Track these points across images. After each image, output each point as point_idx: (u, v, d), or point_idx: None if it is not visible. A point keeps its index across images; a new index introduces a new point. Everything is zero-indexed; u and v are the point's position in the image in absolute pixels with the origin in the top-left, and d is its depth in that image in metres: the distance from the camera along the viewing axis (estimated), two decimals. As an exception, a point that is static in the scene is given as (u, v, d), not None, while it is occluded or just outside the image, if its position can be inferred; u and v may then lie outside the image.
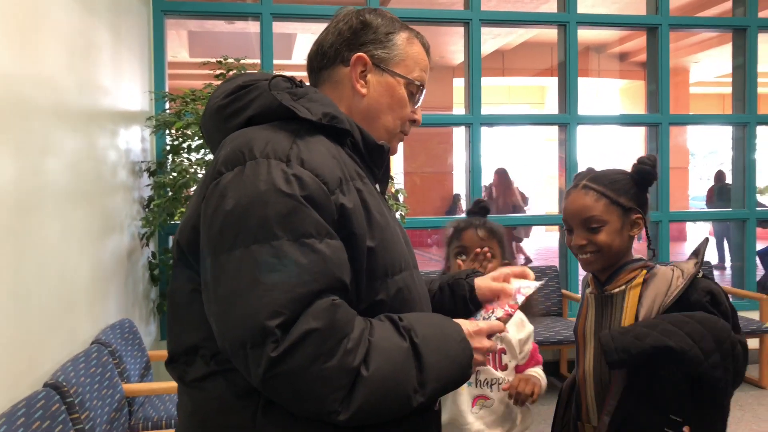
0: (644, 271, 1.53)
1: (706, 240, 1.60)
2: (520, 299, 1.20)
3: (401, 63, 1.16)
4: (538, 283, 1.25)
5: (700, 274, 1.49)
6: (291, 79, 1.12)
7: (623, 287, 1.53)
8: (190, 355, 1.03)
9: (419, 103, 1.21)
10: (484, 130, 4.58)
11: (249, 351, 0.89)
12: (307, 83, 1.19)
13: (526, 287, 1.23)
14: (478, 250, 1.74)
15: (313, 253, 0.92)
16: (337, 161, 1.02)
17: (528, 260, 9.66)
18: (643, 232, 1.58)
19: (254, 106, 1.08)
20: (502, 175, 8.68)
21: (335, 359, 0.89)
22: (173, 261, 1.08)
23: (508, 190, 8.42)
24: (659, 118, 4.75)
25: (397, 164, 13.40)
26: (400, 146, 1.27)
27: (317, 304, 0.91)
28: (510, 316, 1.17)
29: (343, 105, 1.14)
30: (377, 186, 1.17)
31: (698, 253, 1.55)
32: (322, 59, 1.17)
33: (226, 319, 0.92)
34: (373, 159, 1.13)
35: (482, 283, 1.28)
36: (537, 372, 1.80)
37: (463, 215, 2.01)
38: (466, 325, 1.08)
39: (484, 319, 1.16)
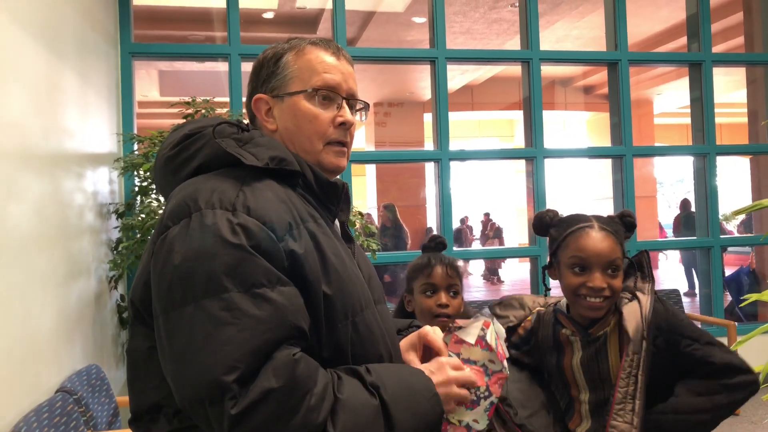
0: (616, 315, 1.58)
1: (645, 252, 1.62)
2: (502, 362, 1.11)
3: (295, 79, 1.12)
4: (481, 320, 1.12)
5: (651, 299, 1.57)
6: (238, 124, 1.09)
7: (607, 329, 1.57)
8: (154, 413, 1.00)
9: (342, 103, 1.12)
10: (456, 164, 4.65)
11: (208, 408, 0.86)
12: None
13: (489, 336, 1.11)
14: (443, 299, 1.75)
15: (265, 303, 0.90)
16: (286, 205, 1.00)
17: None
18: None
19: (201, 156, 1.06)
20: (387, 208, 8.60)
21: (299, 417, 0.87)
22: (129, 319, 1.06)
23: (399, 227, 8.35)
24: (623, 150, 4.87)
25: (370, 199, 13.46)
26: (372, 180, 1.24)
27: (276, 359, 0.88)
28: (503, 378, 1.10)
29: None
30: (336, 223, 1.14)
31: (642, 267, 1.60)
32: (249, 108, 1.18)
33: (182, 377, 0.89)
34: (327, 196, 1.10)
35: (407, 344, 1.18)
36: None
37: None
38: (436, 375, 1.04)
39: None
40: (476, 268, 15.21)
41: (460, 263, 1.85)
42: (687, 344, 1.52)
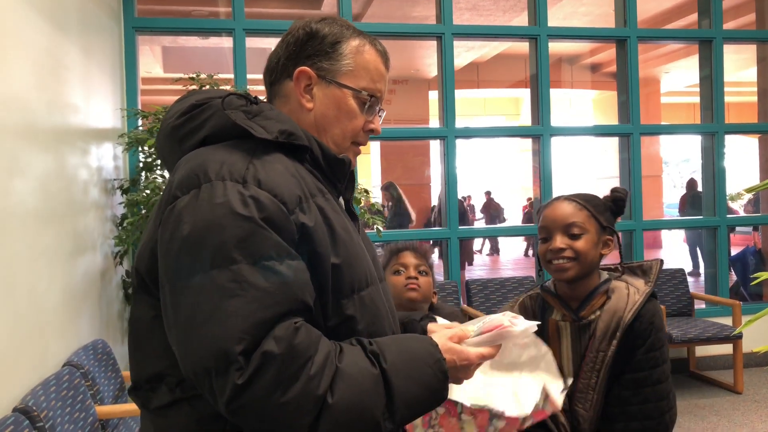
0: (605, 297, 1.61)
1: (661, 262, 1.67)
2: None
3: (349, 73, 1.12)
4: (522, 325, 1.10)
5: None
6: (246, 96, 1.09)
7: (598, 313, 1.58)
8: (154, 382, 1.00)
9: (377, 113, 1.17)
10: (460, 142, 4.62)
11: (214, 379, 0.87)
12: (264, 98, 1.17)
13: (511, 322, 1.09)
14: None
15: (274, 276, 0.90)
16: (296, 179, 1.00)
17: None
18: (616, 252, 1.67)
19: (208, 126, 1.05)
20: (389, 188, 8.55)
21: (298, 384, 0.87)
22: (132, 288, 1.05)
23: (400, 203, 8.30)
24: (630, 129, 4.83)
25: (374, 177, 13.42)
26: (376, 158, 1.25)
27: (278, 328, 0.89)
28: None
29: (293, 119, 1.11)
30: (341, 200, 1.15)
31: (649, 272, 1.63)
32: (271, 74, 1.15)
33: (188, 347, 0.90)
34: (334, 173, 1.11)
35: (435, 329, 1.21)
36: None
37: (439, 228, 2.08)
38: (443, 339, 1.03)
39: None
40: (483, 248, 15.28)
41: (426, 247, 1.95)
42: (644, 353, 1.54)
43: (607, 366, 1.53)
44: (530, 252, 13.98)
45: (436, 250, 6.60)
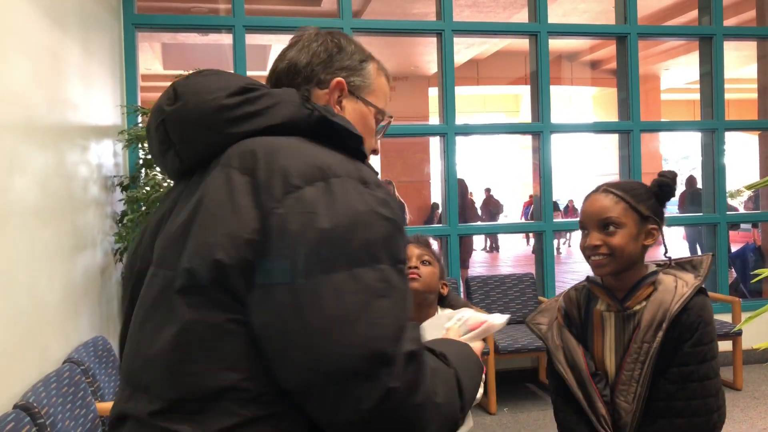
0: (651, 288, 1.58)
1: (712, 256, 1.63)
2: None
3: (373, 93, 1.14)
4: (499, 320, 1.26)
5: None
6: (303, 95, 1.04)
7: (644, 303, 1.55)
8: (207, 401, 0.85)
9: (381, 135, 1.20)
10: (460, 139, 4.62)
11: (359, 383, 0.81)
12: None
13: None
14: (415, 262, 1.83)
15: (404, 279, 0.90)
16: None
17: None
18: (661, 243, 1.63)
19: (276, 115, 0.97)
20: (389, 185, 8.61)
21: (425, 386, 0.85)
22: (186, 284, 0.87)
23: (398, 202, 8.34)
24: (630, 125, 4.83)
25: (374, 174, 13.40)
26: (375, 155, 1.25)
27: (410, 329, 0.87)
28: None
29: None
30: None
31: (699, 267, 1.60)
32: (294, 77, 1.10)
33: (324, 350, 0.82)
34: None
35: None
36: None
37: (439, 224, 2.05)
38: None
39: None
40: (479, 244, 15.29)
41: (427, 239, 1.94)
42: (691, 347, 1.50)
43: (652, 358, 1.50)
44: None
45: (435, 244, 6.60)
